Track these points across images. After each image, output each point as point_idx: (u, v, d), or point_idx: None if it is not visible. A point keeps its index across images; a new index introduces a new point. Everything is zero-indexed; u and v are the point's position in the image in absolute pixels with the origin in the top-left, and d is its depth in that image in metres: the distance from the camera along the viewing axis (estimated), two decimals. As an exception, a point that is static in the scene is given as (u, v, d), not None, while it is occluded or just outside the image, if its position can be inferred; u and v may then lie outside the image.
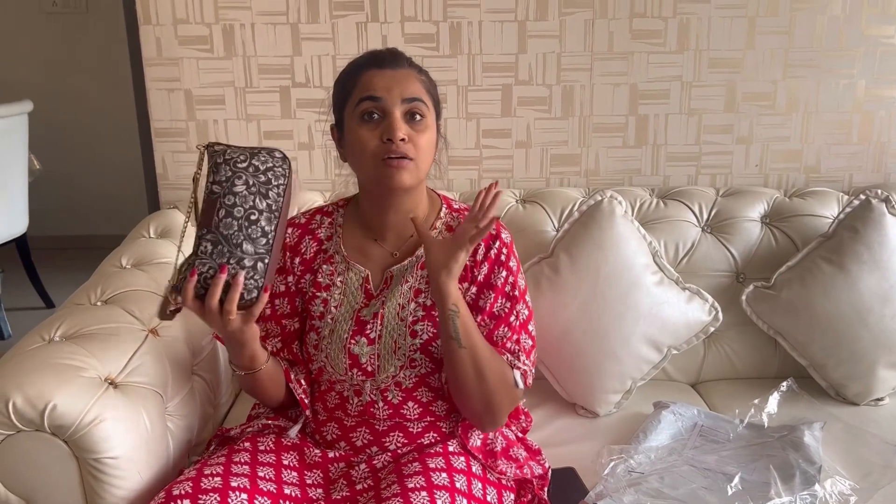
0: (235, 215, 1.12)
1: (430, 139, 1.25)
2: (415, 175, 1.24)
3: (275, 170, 1.16)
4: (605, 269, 1.62)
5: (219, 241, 1.12)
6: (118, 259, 1.61)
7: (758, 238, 1.80)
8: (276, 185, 1.15)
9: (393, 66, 1.25)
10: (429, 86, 1.28)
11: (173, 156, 1.96)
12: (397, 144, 1.20)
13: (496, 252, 1.31)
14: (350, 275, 1.33)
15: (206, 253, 1.12)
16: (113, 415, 1.18)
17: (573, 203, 1.80)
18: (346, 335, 1.29)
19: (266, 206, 1.14)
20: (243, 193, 1.12)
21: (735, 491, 1.30)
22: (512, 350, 1.29)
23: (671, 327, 1.65)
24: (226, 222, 1.12)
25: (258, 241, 1.13)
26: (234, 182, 1.13)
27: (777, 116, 1.96)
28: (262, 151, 1.17)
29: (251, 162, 1.15)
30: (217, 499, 1.13)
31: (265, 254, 1.14)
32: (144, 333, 1.36)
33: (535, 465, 1.37)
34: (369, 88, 1.23)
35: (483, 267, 1.31)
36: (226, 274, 1.12)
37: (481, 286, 1.31)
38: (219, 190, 1.13)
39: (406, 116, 1.23)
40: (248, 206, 1.12)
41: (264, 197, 1.14)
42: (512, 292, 1.31)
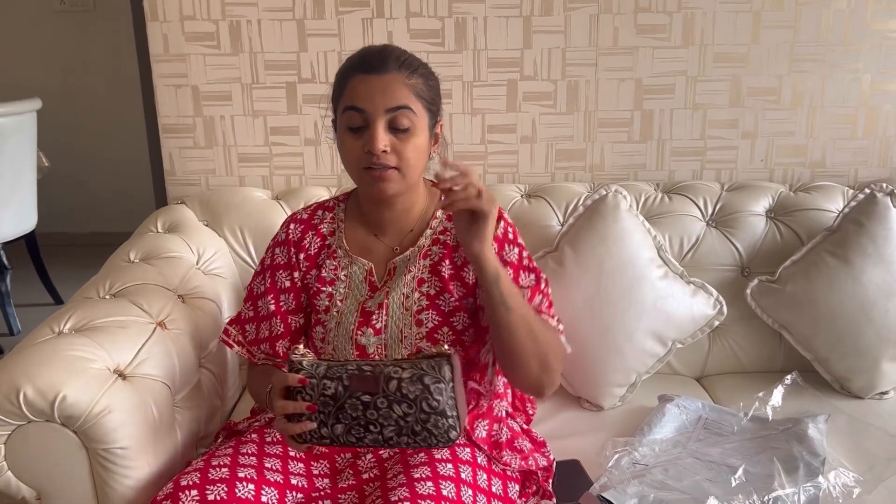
0: (368, 416, 1.07)
1: (418, 145, 1.23)
2: (400, 184, 1.24)
3: (434, 435, 1.08)
4: (609, 263, 1.63)
5: (334, 402, 1.07)
6: (126, 253, 1.63)
7: (763, 232, 1.80)
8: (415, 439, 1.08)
9: (380, 71, 1.20)
10: (421, 88, 1.23)
11: (180, 152, 1.98)
12: (378, 157, 1.20)
13: (503, 231, 1.31)
14: (354, 269, 1.34)
15: (320, 394, 1.07)
16: (122, 406, 1.20)
17: (578, 198, 1.80)
18: (352, 327, 1.30)
19: (390, 436, 1.08)
20: (390, 416, 1.06)
21: (739, 483, 1.31)
22: (553, 314, 1.31)
23: (676, 321, 1.65)
24: (354, 406, 1.07)
25: (355, 433, 1.08)
26: (397, 408, 1.06)
27: (782, 111, 1.96)
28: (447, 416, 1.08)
29: (431, 413, 1.06)
30: (224, 489, 1.14)
31: (344, 443, 1.09)
32: (153, 326, 1.38)
33: (540, 456, 1.38)
34: (353, 98, 1.20)
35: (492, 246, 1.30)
36: (314, 419, 1.08)
37: None
38: (387, 396, 1.06)
39: (390, 125, 1.20)
40: (379, 422, 1.07)
41: (399, 434, 1.08)
42: (531, 265, 1.32)
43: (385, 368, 1.06)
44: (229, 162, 1.98)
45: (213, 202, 1.84)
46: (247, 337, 1.38)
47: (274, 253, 1.38)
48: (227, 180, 1.99)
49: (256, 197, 1.86)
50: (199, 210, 1.84)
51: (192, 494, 1.13)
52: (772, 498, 1.25)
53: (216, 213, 1.82)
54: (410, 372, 1.05)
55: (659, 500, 1.26)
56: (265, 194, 1.89)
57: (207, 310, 1.55)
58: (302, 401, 1.08)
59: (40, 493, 1.22)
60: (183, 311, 1.48)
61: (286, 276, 1.36)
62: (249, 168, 1.98)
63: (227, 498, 1.13)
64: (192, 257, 1.68)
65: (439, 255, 1.32)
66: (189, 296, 1.55)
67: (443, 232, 1.34)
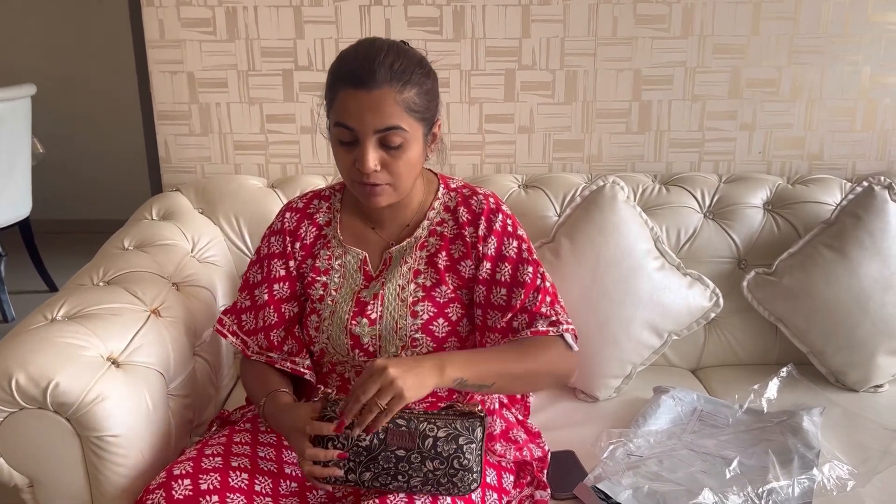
0: (399, 468, 1.08)
1: (411, 159, 1.20)
2: (391, 197, 1.23)
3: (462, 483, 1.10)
4: (606, 254, 1.62)
5: (367, 454, 1.08)
6: (121, 240, 1.61)
7: (760, 224, 1.79)
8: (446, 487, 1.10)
9: (369, 87, 1.14)
10: (412, 102, 1.17)
11: (176, 139, 1.96)
12: (368, 175, 1.19)
13: (501, 224, 1.31)
14: (348, 258, 1.34)
15: (353, 444, 1.08)
16: (115, 393, 1.19)
17: (575, 188, 1.79)
18: (346, 316, 1.29)
19: (415, 485, 1.10)
20: (420, 469, 1.08)
21: (733, 475, 1.31)
22: (548, 314, 1.27)
23: (672, 313, 1.65)
24: (388, 459, 1.08)
25: (382, 480, 1.09)
26: (429, 464, 1.08)
27: (781, 103, 1.95)
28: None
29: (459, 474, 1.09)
30: (217, 478, 1.14)
31: (368, 487, 1.10)
32: (146, 314, 1.37)
33: (535, 447, 1.38)
34: (343, 115, 1.17)
35: (490, 241, 1.29)
36: (341, 466, 1.08)
37: (494, 259, 1.29)
38: (421, 452, 1.08)
39: (381, 143, 1.18)
40: (409, 473, 1.08)
41: (424, 484, 1.09)
42: (530, 257, 1.31)
43: (420, 424, 1.09)
44: (225, 149, 1.96)
45: (208, 190, 1.83)
46: (244, 327, 1.37)
47: (269, 242, 1.37)
48: (222, 168, 1.97)
49: (252, 185, 1.85)
50: (194, 198, 1.82)
51: (185, 483, 1.12)
52: (766, 490, 1.25)
53: (211, 201, 1.81)
54: (446, 431, 1.08)
55: (653, 492, 1.26)
56: (261, 182, 1.88)
57: (202, 298, 1.54)
58: (333, 448, 1.08)
59: (32, 481, 1.21)
60: (177, 298, 1.47)
61: (281, 265, 1.35)
62: (245, 156, 1.97)
63: (220, 487, 1.13)
64: (187, 245, 1.67)
65: (436, 247, 1.31)
66: (183, 283, 1.54)
67: (440, 223, 1.33)
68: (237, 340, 1.37)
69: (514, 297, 1.28)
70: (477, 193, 1.34)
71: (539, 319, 1.27)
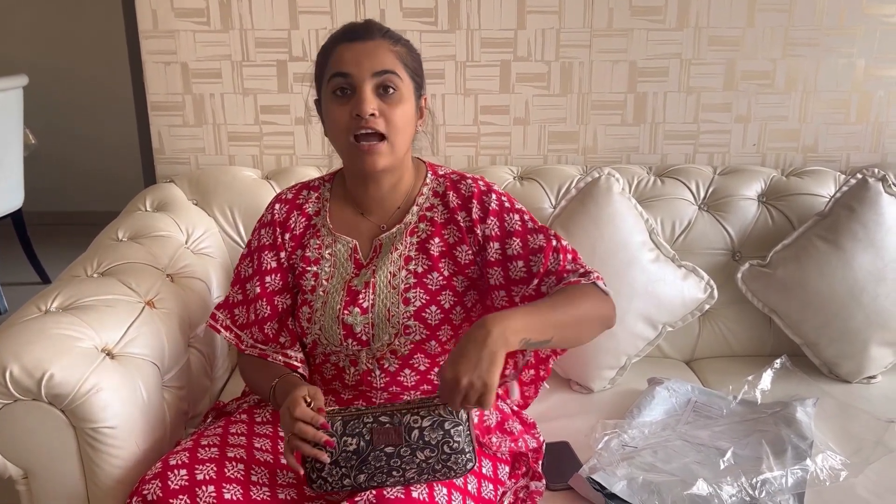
0: (392, 464, 1.09)
1: (406, 112, 1.23)
2: (389, 156, 1.23)
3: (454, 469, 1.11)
4: (601, 246, 1.63)
5: (357, 457, 1.08)
6: (115, 232, 1.61)
7: (754, 216, 1.80)
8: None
9: (364, 38, 1.22)
10: (405, 57, 1.25)
11: (169, 130, 1.95)
12: (366, 120, 1.19)
13: (498, 203, 1.30)
14: (338, 247, 1.33)
15: (341, 451, 1.08)
16: (110, 385, 1.19)
17: (570, 180, 1.79)
18: (338, 306, 1.29)
19: (412, 476, 1.10)
20: (413, 461, 1.09)
21: (727, 465, 1.31)
22: (573, 269, 1.27)
23: (667, 304, 1.65)
24: (378, 458, 1.08)
25: (378, 479, 1.10)
26: (420, 454, 1.09)
27: (776, 95, 1.95)
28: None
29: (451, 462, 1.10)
30: (213, 469, 1.13)
31: (366, 488, 1.10)
32: (141, 305, 1.36)
33: (530, 438, 1.39)
34: (339, 64, 1.21)
35: (490, 222, 1.29)
36: (326, 452, 1.09)
37: (501, 238, 1.29)
38: (409, 445, 1.08)
39: (378, 90, 1.21)
40: (402, 467, 1.09)
41: (420, 474, 1.10)
42: (536, 225, 1.31)
43: (403, 418, 1.09)
44: (219, 141, 1.95)
45: (202, 181, 1.82)
46: (237, 321, 1.36)
47: (260, 234, 1.37)
48: (216, 159, 1.97)
49: (246, 176, 1.84)
50: (188, 189, 1.82)
51: (181, 474, 1.12)
52: (760, 480, 1.26)
53: (206, 193, 1.80)
54: (430, 420, 1.09)
55: (648, 482, 1.27)
56: (255, 174, 1.87)
57: (196, 289, 1.54)
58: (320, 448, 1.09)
59: (27, 472, 1.21)
60: (172, 290, 1.47)
61: (272, 257, 1.35)
62: (239, 147, 1.96)
63: (216, 478, 1.12)
64: (182, 236, 1.67)
65: (427, 233, 1.31)
66: (178, 275, 1.53)
67: (430, 209, 1.33)
68: (231, 335, 1.36)
69: (533, 264, 1.27)
70: (465, 178, 1.34)
71: (567, 275, 1.27)
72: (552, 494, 1.32)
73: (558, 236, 1.32)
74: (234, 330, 1.36)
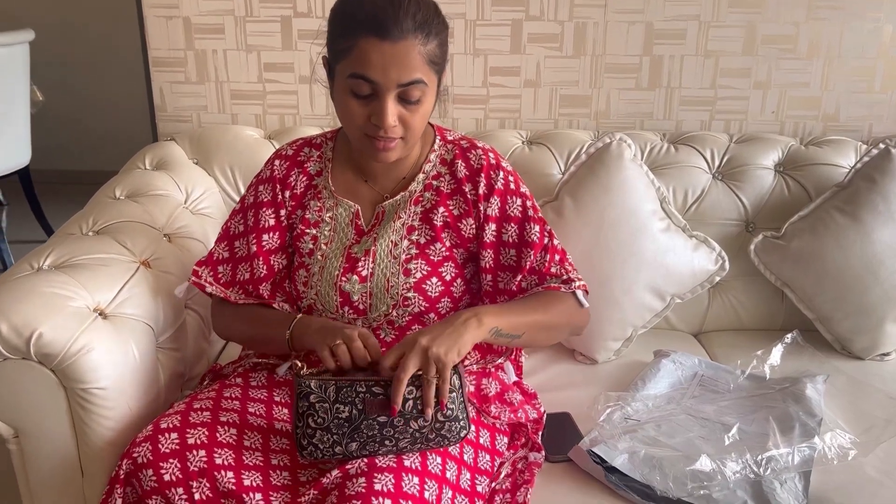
0: (384, 433, 1.07)
1: (426, 111, 1.17)
2: (402, 151, 1.20)
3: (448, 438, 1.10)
4: (610, 213, 1.58)
5: (349, 425, 1.06)
6: (112, 190, 1.58)
7: (770, 186, 1.74)
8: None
9: (394, 38, 1.08)
10: (434, 54, 1.13)
11: (171, 87, 1.91)
12: (386, 131, 1.14)
13: (503, 182, 1.27)
14: (339, 210, 1.30)
15: (333, 417, 1.06)
16: (101, 345, 1.17)
17: (581, 146, 1.74)
18: (336, 272, 1.26)
19: (404, 446, 1.08)
20: (406, 431, 1.07)
21: (732, 441, 1.28)
22: (558, 273, 1.27)
23: (676, 275, 1.61)
24: (370, 427, 1.06)
25: (370, 448, 1.07)
26: (413, 423, 1.06)
27: (797, 61, 1.88)
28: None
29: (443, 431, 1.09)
30: (205, 433, 1.12)
31: (358, 457, 1.08)
32: (136, 265, 1.34)
33: (531, 408, 1.36)
34: (363, 65, 1.10)
35: (493, 201, 1.26)
36: (326, 441, 1.07)
37: (499, 220, 1.27)
38: (402, 415, 1.06)
39: (400, 96, 1.13)
40: (395, 437, 1.07)
41: (413, 443, 1.08)
42: (535, 215, 1.28)
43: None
44: (221, 99, 1.91)
45: (203, 140, 1.79)
46: (219, 279, 1.32)
47: (258, 191, 1.33)
48: (219, 118, 1.92)
49: (248, 136, 1.81)
50: (188, 148, 1.78)
51: (172, 437, 1.10)
52: (765, 457, 1.23)
53: (206, 152, 1.77)
54: (419, 385, 1.07)
55: (649, 457, 1.24)
56: (257, 133, 1.83)
57: (194, 250, 1.51)
58: (314, 424, 1.06)
59: (18, 432, 1.19)
60: (169, 250, 1.44)
61: (271, 214, 1.31)
62: (242, 105, 1.91)
63: (207, 442, 1.11)
64: (180, 196, 1.64)
65: (432, 202, 1.27)
66: (176, 235, 1.51)
67: (436, 177, 1.28)
68: (217, 289, 1.31)
69: (523, 257, 1.26)
70: (475, 147, 1.29)
71: (549, 279, 1.26)
72: (551, 466, 1.29)
73: (552, 233, 1.29)
74: (218, 287, 1.32)
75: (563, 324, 1.28)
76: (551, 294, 1.26)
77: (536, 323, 1.22)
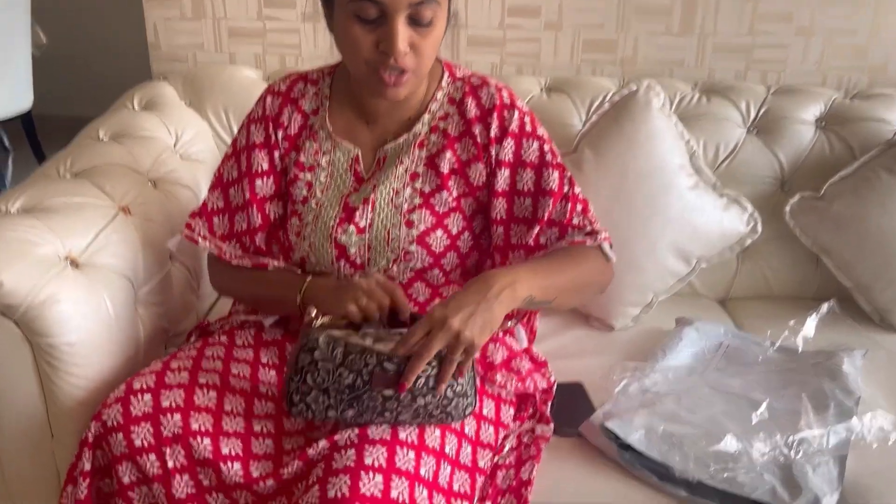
0: (386, 406, 0.97)
1: (438, 36, 1.06)
2: (412, 85, 1.09)
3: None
4: (634, 168, 1.46)
5: (350, 392, 0.96)
6: (95, 130, 1.49)
7: (810, 143, 1.61)
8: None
9: None
10: None
11: (166, 23, 1.79)
12: (396, 59, 1.02)
13: (518, 124, 1.15)
14: (337, 154, 1.18)
15: (334, 380, 0.96)
16: (70, 297, 1.08)
17: (605, 94, 1.62)
18: (332, 222, 1.14)
19: (404, 419, 0.99)
20: (410, 406, 0.97)
21: (761, 419, 1.16)
22: (581, 225, 1.16)
23: (703, 237, 1.49)
24: (373, 398, 0.96)
25: (367, 417, 0.98)
26: (420, 399, 0.97)
27: (844, 6, 1.73)
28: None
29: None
30: (181, 395, 1.03)
31: (351, 424, 0.99)
32: (114, 211, 1.24)
33: (540, 378, 1.25)
34: None
35: (506, 144, 1.15)
36: (321, 402, 0.97)
37: (513, 166, 1.15)
38: (411, 391, 0.96)
39: (410, 19, 1.02)
40: (397, 410, 0.97)
41: (414, 418, 0.99)
42: (554, 160, 1.16)
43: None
44: (219, 36, 1.79)
45: (197, 80, 1.68)
46: (216, 232, 1.21)
47: (249, 131, 1.21)
48: (216, 57, 1.81)
49: (245, 76, 1.70)
50: (181, 88, 1.68)
51: (145, 399, 1.02)
52: (797, 439, 1.11)
53: (200, 92, 1.66)
54: (435, 365, 0.97)
55: (668, 434, 1.13)
56: (256, 74, 1.72)
57: (182, 197, 1.41)
58: (312, 383, 0.96)
59: (-18, 388, 1.11)
60: (153, 196, 1.34)
61: (264, 157, 1.19)
62: (240, 44, 1.79)
63: (183, 406, 1.02)
64: (170, 139, 1.54)
65: (438, 147, 1.15)
66: (162, 181, 1.41)
67: (443, 118, 1.16)
68: (212, 245, 1.21)
69: (540, 207, 1.14)
70: (487, 84, 1.17)
71: (572, 232, 1.14)
72: (559, 441, 1.19)
73: (573, 181, 1.17)
74: (214, 241, 1.22)
75: (593, 283, 1.17)
76: (578, 250, 1.14)
77: (568, 285, 1.10)
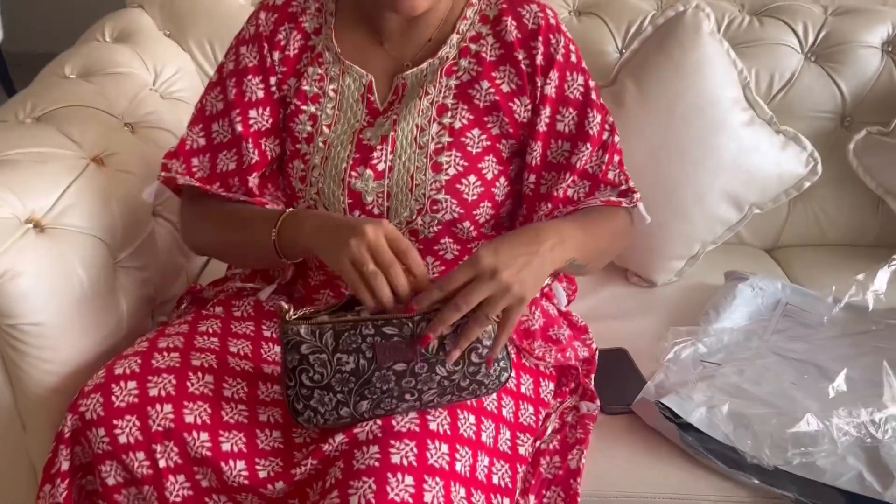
0: (403, 386, 0.83)
1: None
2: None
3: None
4: (683, 102, 1.30)
5: (356, 379, 0.82)
6: (61, 66, 1.33)
7: (876, 71, 1.44)
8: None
9: None
10: None
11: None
12: None
13: (564, 53, 0.99)
14: (346, 81, 1.01)
15: (335, 371, 0.82)
16: (33, 267, 0.93)
17: (645, 16, 1.45)
18: (344, 165, 0.98)
19: (430, 399, 0.86)
20: (431, 379, 0.84)
21: (838, 393, 1.02)
22: (615, 181, 1.03)
23: (759, 180, 1.33)
24: (385, 378, 0.83)
25: (386, 405, 0.84)
26: (440, 369, 0.83)
27: None
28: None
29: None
30: (172, 381, 0.89)
31: (370, 418, 0.85)
32: (84, 162, 1.07)
33: (581, 345, 1.11)
34: None
35: (552, 75, 0.99)
36: (327, 402, 0.83)
37: (555, 103, 0.99)
38: (426, 360, 0.83)
39: None
40: (417, 388, 0.84)
41: (441, 395, 0.86)
42: (598, 100, 1.02)
43: (416, 327, 0.82)
44: (201, -45, 1.57)
45: (177, 6, 1.50)
46: (195, 173, 1.03)
47: (239, 54, 1.03)
48: (200, -20, 1.60)
49: (232, 2, 1.51)
50: (159, 16, 1.51)
51: (130, 387, 0.87)
52: (885, 416, 0.98)
53: (181, 21, 1.49)
54: (452, 325, 0.84)
55: (735, 414, 0.99)
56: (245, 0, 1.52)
57: (164, 143, 1.24)
58: (308, 380, 0.83)
59: (-61, 377, 0.97)
60: (130, 144, 1.19)
61: (258, 84, 1.01)
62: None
63: (175, 394, 0.88)
64: (148, 76, 1.37)
65: (471, 74, 0.99)
66: (140, 125, 1.26)
67: (475, 39, 0.99)
68: (193, 180, 1.02)
69: (576, 154, 0.99)
70: (529, 1, 0.99)
71: (605, 189, 1.01)
72: (607, 420, 1.05)
73: (614, 127, 1.03)
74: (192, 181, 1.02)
75: (616, 249, 1.09)
76: (613, 211, 1.02)
77: (599, 248, 1.00)
